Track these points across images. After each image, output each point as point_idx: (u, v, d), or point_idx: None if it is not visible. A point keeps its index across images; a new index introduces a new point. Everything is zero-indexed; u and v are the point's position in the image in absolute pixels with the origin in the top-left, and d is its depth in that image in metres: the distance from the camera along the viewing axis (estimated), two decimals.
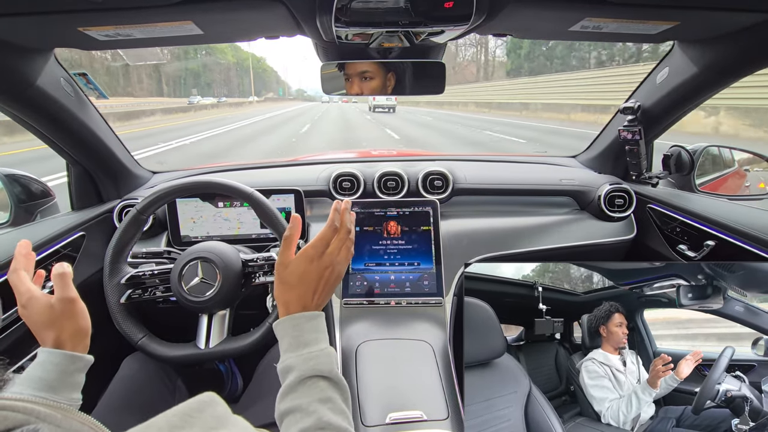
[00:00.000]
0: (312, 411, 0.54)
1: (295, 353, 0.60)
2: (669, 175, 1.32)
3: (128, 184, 1.34)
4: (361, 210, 1.22)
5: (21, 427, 0.30)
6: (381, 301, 1.11)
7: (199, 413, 0.34)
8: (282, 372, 0.61)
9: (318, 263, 0.66)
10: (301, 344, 0.61)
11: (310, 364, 0.59)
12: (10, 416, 0.31)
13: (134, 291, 0.91)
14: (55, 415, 0.34)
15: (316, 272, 0.66)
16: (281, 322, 0.64)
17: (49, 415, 0.33)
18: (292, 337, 0.62)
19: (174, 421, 0.32)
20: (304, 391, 0.57)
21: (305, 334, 0.62)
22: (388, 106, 26.83)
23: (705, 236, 1.06)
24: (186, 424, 0.32)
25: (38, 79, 0.91)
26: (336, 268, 0.68)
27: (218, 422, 0.34)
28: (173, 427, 0.31)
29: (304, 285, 0.65)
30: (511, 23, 0.86)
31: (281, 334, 0.64)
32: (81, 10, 0.69)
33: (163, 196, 0.91)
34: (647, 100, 1.21)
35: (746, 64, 0.94)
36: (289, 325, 0.63)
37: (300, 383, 0.57)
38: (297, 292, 0.65)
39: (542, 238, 1.27)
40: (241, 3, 0.72)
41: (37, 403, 0.33)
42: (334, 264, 0.67)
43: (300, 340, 0.61)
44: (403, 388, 0.85)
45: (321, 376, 0.58)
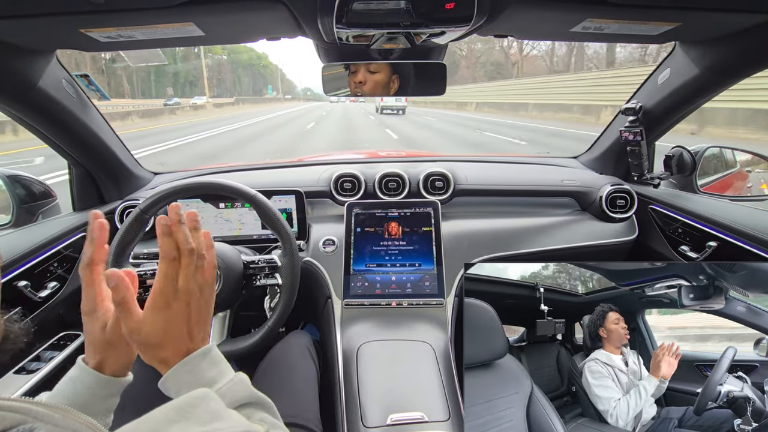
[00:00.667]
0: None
1: None
2: (671, 175, 1.32)
3: (130, 185, 1.35)
4: (362, 211, 1.22)
5: (18, 426, 0.31)
6: (382, 301, 1.11)
7: (193, 408, 0.34)
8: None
9: (177, 304, 0.52)
10: (205, 384, 0.50)
11: (226, 399, 0.49)
12: (8, 416, 0.31)
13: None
14: (53, 416, 0.34)
15: (180, 314, 0.53)
16: (170, 377, 0.52)
17: (47, 415, 0.33)
18: (191, 384, 0.50)
19: (170, 415, 0.32)
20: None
21: (205, 375, 0.52)
22: (397, 108, 23.83)
23: (707, 237, 1.06)
24: (182, 418, 0.32)
25: (40, 81, 0.91)
26: (202, 292, 0.54)
27: (213, 416, 0.34)
28: (169, 421, 0.32)
29: (173, 335, 0.53)
30: (512, 24, 0.86)
31: (176, 388, 0.51)
32: (83, 12, 0.69)
33: (166, 196, 0.92)
34: (649, 100, 1.21)
35: (747, 65, 0.94)
36: (183, 373, 0.52)
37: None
38: (169, 346, 0.52)
39: (543, 238, 1.27)
40: (242, 4, 0.72)
41: (35, 403, 0.34)
42: (196, 291, 0.54)
43: (203, 383, 0.51)
44: (404, 389, 0.85)
45: (243, 405, 0.52)
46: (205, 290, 0.55)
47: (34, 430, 0.31)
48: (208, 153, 9.25)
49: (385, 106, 23.78)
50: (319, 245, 1.19)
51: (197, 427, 0.32)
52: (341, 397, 0.87)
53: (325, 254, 1.18)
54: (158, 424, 0.31)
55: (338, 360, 0.95)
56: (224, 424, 0.34)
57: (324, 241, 1.20)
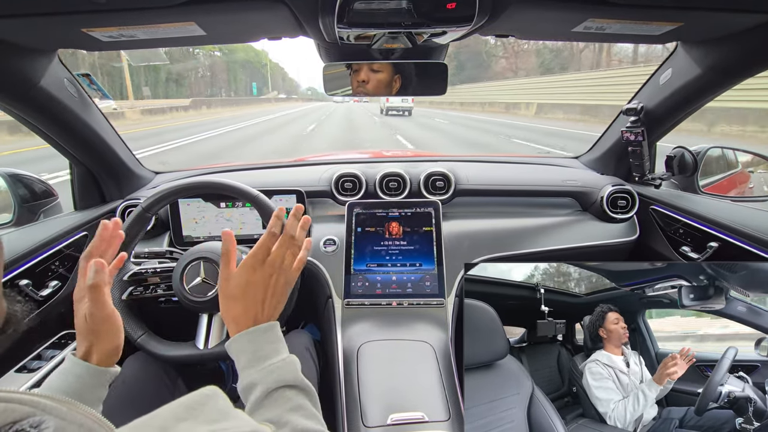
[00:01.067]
0: (284, 422, 0.52)
1: (255, 369, 0.58)
2: (672, 176, 1.31)
3: (131, 185, 1.35)
4: (362, 211, 1.22)
5: (26, 419, 0.31)
6: (383, 301, 1.11)
7: (202, 406, 0.34)
8: (245, 390, 0.58)
9: (261, 272, 0.63)
10: (261, 358, 0.58)
11: (273, 376, 0.56)
12: (17, 408, 0.31)
13: (136, 288, 0.91)
14: (60, 408, 0.34)
15: (261, 282, 0.63)
16: (235, 340, 0.61)
17: (55, 408, 0.34)
18: (249, 353, 0.59)
19: (178, 413, 0.32)
20: (272, 404, 0.55)
21: (263, 348, 0.59)
22: (403, 109, 22.19)
23: (708, 238, 1.05)
24: (189, 416, 0.32)
25: (42, 80, 0.91)
26: (283, 275, 0.64)
27: (221, 415, 0.35)
28: (177, 419, 0.32)
29: (249, 297, 0.62)
30: (513, 24, 0.86)
31: (237, 352, 0.60)
32: (84, 12, 0.69)
33: (168, 194, 0.92)
34: (650, 101, 1.21)
35: (750, 65, 0.94)
36: (245, 341, 0.60)
37: (266, 397, 0.55)
38: (243, 304, 0.62)
39: (544, 239, 1.27)
40: (243, 4, 0.72)
41: (42, 396, 0.34)
42: (279, 271, 0.64)
43: (258, 354, 0.59)
44: (405, 389, 0.85)
45: (287, 386, 0.56)
46: (286, 274, 0.65)
47: (42, 423, 0.31)
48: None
49: (391, 107, 22.17)
50: (319, 245, 1.19)
51: (204, 426, 0.32)
52: (341, 396, 0.87)
53: (326, 254, 1.18)
54: (166, 422, 0.31)
55: (338, 360, 0.95)
56: (231, 423, 0.34)
57: (325, 241, 1.20)
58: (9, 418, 0.31)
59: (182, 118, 21.70)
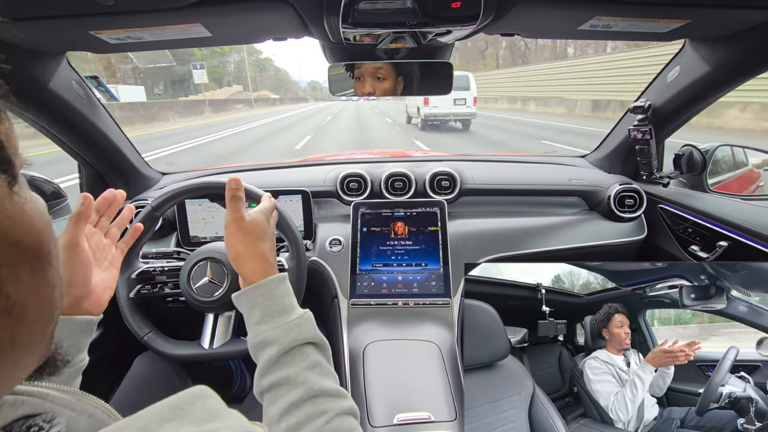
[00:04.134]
0: (301, 381, 0.52)
1: (271, 325, 0.56)
2: (680, 174, 1.30)
3: (138, 185, 1.36)
4: (368, 211, 1.22)
5: (40, 414, 0.31)
6: (388, 301, 1.11)
7: (189, 405, 0.33)
8: (257, 347, 0.56)
9: (269, 227, 0.65)
10: (276, 314, 0.57)
11: (293, 335, 0.55)
12: (27, 401, 0.32)
13: (144, 286, 0.92)
14: (69, 400, 0.35)
15: (270, 232, 0.64)
16: (247, 292, 0.59)
17: (64, 399, 0.34)
18: (263, 307, 0.57)
19: (164, 413, 0.31)
20: (289, 362, 0.54)
21: (278, 302, 0.58)
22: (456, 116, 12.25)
23: (718, 237, 1.04)
24: (176, 416, 0.31)
25: (51, 82, 0.92)
26: (275, 239, 0.66)
27: (210, 415, 0.34)
28: (162, 420, 0.31)
29: (267, 240, 0.62)
30: (519, 23, 0.85)
31: (248, 306, 0.58)
32: (92, 14, 0.70)
33: (176, 194, 0.93)
34: (658, 99, 1.19)
35: (759, 62, 0.92)
36: (258, 294, 0.58)
37: (283, 356, 0.54)
38: (264, 246, 0.61)
39: (551, 238, 1.26)
40: (248, 5, 0.72)
41: (51, 388, 0.34)
42: (274, 233, 0.66)
43: (273, 309, 0.57)
44: (411, 389, 0.85)
45: (305, 343, 0.56)
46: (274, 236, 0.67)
47: (55, 418, 0.32)
48: None
49: (434, 115, 12.23)
50: (325, 245, 1.20)
51: (191, 427, 0.31)
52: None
53: (332, 254, 1.19)
54: (150, 422, 0.30)
55: (344, 359, 0.96)
56: (221, 423, 0.33)
57: (330, 241, 1.20)
58: (19, 411, 0.31)
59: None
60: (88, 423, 0.35)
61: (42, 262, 0.29)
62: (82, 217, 0.58)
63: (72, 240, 0.57)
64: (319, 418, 0.50)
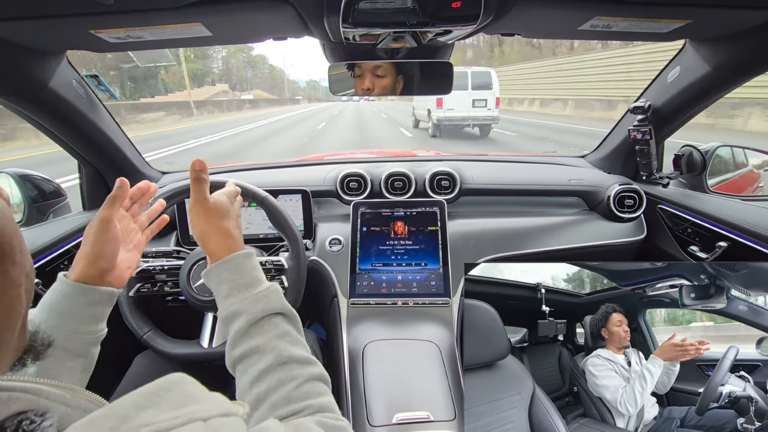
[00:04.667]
0: (270, 349, 0.53)
1: (238, 297, 0.58)
2: (680, 175, 1.30)
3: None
4: (368, 210, 1.22)
5: (32, 410, 0.31)
6: (388, 301, 1.11)
7: (166, 392, 0.33)
8: (226, 319, 0.58)
9: (233, 207, 0.66)
10: (243, 286, 0.59)
11: (260, 305, 0.57)
12: (21, 397, 0.31)
13: (143, 285, 0.92)
14: (64, 395, 0.34)
15: (234, 213, 0.66)
16: (215, 268, 0.61)
17: (58, 395, 0.34)
18: (230, 281, 0.59)
19: (139, 401, 0.31)
20: (258, 331, 0.55)
21: (245, 276, 0.60)
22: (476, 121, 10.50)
23: (717, 237, 1.04)
24: (152, 404, 0.32)
25: (51, 81, 0.92)
26: (240, 221, 0.68)
27: (189, 399, 0.34)
28: (138, 407, 0.31)
29: (232, 219, 0.64)
30: (519, 23, 0.85)
31: (216, 281, 0.60)
32: (92, 13, 0.70)
33: (176, 193, 0.93)
34: (658, 99, 1.19)
35: (759, 62, 0.92)
36: (224, 269, 0.60)
37: (252, 326, 0.56)
38: (227, 223, 0.63)
39: (550, 238, 1.26)
40: (248, 5, 0.72)
41: (45, 383, 0.34)
42: (239, 215, 0.68)
43: (241, 282, 0.59)
44: (410, 388, 0.85)
45: (273, 314, 0.57)
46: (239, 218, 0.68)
47: (47, 412, 0.32)
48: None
49: (449, 119, 10.30)
50: (325, 244, 1.20)
51: (169, 412, 0.31)
52: (347, 396, 0.87)
53: (332, 253, 1.19)
54: (127, 410, 0.30)
55: (344, 359, 0.96)
56: (200, 406, 0.33)
57: (330, 241, 1.20)
58: (13, 408, 0.31)
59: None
60: (82, 417, 0.35)
61: (4, 262, 0.30)
62: (117, 200, 0.62)
63: (106, 217, 0.60)
64: (289, 383, 0.51)
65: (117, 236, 0.62)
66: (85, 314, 0.57)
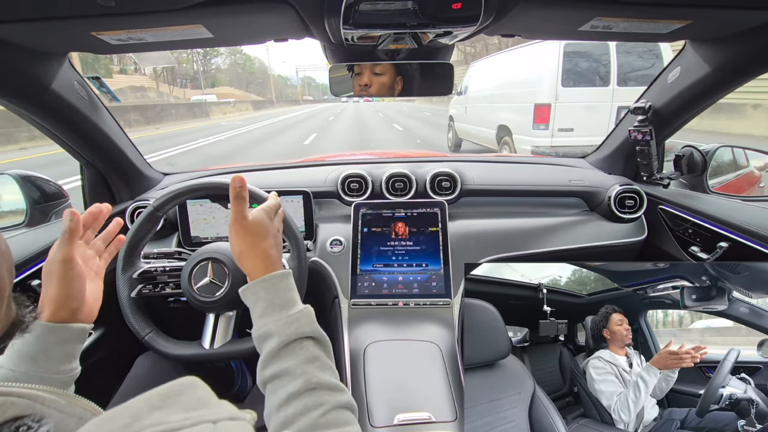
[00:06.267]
0: (300, 373, 0.53)
1: (272, 318, 0.58)
2: (681, 175, 1.30)
3: (140, 186, 1.36)
4: (369, 211, 1.22)
5: (28, 415, 0.31)
6: (389, 302, 1.11)
7: (178, 395, 0.34)
8: (259, 339, 0.58)
9: (272, 223, 0.66)
10: (277, 307, 0.59)
11: (291, 328, 0.57)
12: (17, 402, 0.32)
13: (145, 286, 0.92)
14: (59, 401, 0.35)
15: (274, 229, 0.66)
16: (252, 286, 0.61)
17: (54, 401, 0.34)
18: (266, 300, 0.60)
19: (153, 401, 0.32)
20: (289, 354, 0.55)
21: (280, 295, 0.60)
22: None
23: (718, 238, 1.04)
24: (165, 404, 0.32)
25: (53, 83, 0.93)
26: (280, 237, 0.68)
27: (199, 403, 0.34)
28: (152, 407, 0.31)
29: (270, 237, 0.64)
30: (519, 24, 0.85)
31: (253, 299, 0.61)
32: (94, 15, 0.70)
33: (178, 195, 0.93)
34: (658, 99, 1.19)
35: (759, 62, 0.92)
36: (261, 288, 0.61)
37: (283, 348, 0.56)
38: (266, 243, 0.63)
39: (551, 239, 1.26)
40: (249, 6, 0.72)
41: (41, 389, 0.34)
42: (280, 230, 0.68)
43: (275, 302, 0.59)
44: (411, 389, 0.85)
45: (304, 337, 0.57)
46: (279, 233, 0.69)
47: (44, 418, 0.32)
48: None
49: (566, 147, 4.94)
50: (326, 245, 1.20)
51: (179, 414, 0.32)
52: None
53: (333, 254, 1.19)
54: (140, 410, 0.31)
55: (345, 360, 0.96)
56: (209, 411, 0.34)
57: (331, 241, 1.20)
58: (9, 412, 0.31)
59: None
60: (77, 425, 0.35)
61: None
62: (74, 234, 0.60)
63: (67, 256, 0.59)
64: (315, 410, 0.51)
65: (82, 273, 0.61)
66: (57, 353, 0.57)
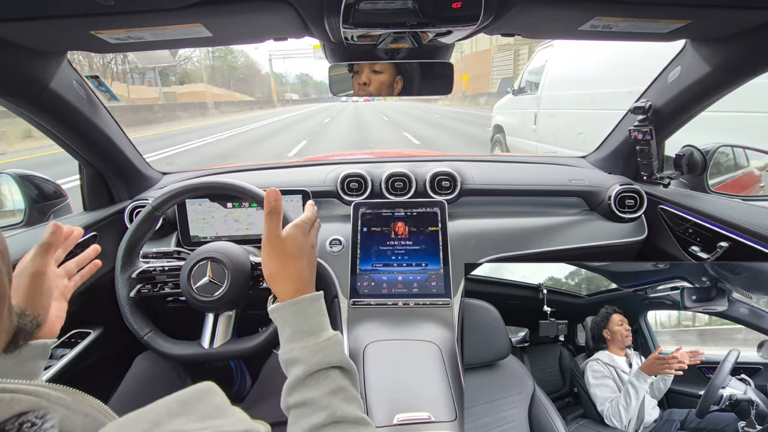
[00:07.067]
0: (324, 405, 0.52)
1: (299, 344, 0.57)
2: (681, 175, 1.30)
3: (139, 185, 1.36)
4: (368, 211, 1.22)
5: (33, 411, 0.31)
6: (388, 301, 1.11)
7: (196, 402, 0.34)
8: (286, 363, 0.57)
9: (307, 239, 0.63)
10: (306, 333, 0.57)
11: (318, 357, 0.55)
12: (23, 399, 0.32)
13: (144, 286, 0.92)
14: (65, 398, 0.35)
15: (308, 247, 0.63)
16: (281, 308, 0.59)
17: (60, 398, 0.34)
18: (294, 326, 0.58)
19: (172, 407, 0.32)
20: (314, 384, 0.54)
21: (308, 321, 0.58)
22: None
23: (718, 237, 1.04)
24: (184, 411, 0.32)
25: (52, 82, 0.92)
26: (315, 254, 0.66)
27: (216, 411, 0.34)
28: (171, 414, 0.31)
29: (304, 257, 0.61)
30: (519, 23, 0.85)
31: (281, 322, 0.59)
32: (93, 14, 0.70)
33: (177, 194, 0.93)
34: (658, 99, 1.19)
35: (759, 62, 0.92)
36: (290, 312, 0.58)
37: (309, 377, 0.55)
38: (298, 265, 0.60)
39: (551, 239, 1.26)
40: (249, 5, 0.72)
41: (46, 386, 0.34)
42: (315, 245, 0.66)
43: (303, 328, 0.57)
44: (411, 389, 0.85)
45: (331, 367, 0.56)
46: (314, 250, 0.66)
47: (47, 414, 0.32)
48: None
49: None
50: (325, 245, 1.20)
51: (198, 422, 0.32)
52: None
53: (332, 254, 1.19)
54: (159, 416, 0.31)
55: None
56: (226, 420, 0.34)
57: (330, 241, 1.20)
58: (16, 408, 0.31)
59: None
60: (83, 422, 0.35)
61: None
62: (51, 248, 0.59)
63: (41, 268, 0.58)
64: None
65: (50, 288, 0.60)
66: (17, 374, 0.53)
